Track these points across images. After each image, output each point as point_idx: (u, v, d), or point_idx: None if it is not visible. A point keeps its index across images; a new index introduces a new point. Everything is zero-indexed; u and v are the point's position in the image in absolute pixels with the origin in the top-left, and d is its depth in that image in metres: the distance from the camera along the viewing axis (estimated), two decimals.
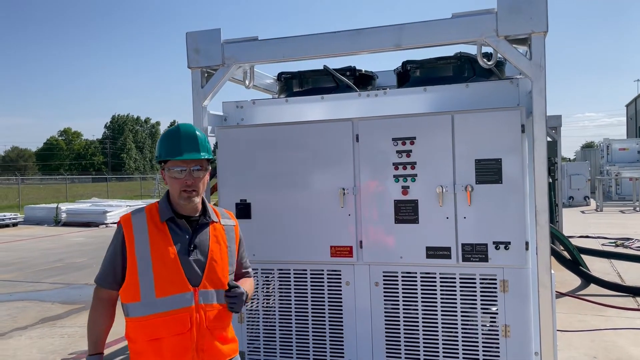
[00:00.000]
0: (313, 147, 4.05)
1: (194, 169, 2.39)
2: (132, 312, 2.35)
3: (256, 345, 4.24)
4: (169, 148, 2.42)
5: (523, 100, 3.88)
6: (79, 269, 10.96)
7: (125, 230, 2.38)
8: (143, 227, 2.38)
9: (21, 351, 5.87)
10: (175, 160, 2.38)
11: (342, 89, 4.61)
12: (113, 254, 2.40)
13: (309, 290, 4.10)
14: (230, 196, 4.24)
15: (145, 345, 2.33)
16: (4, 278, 10.23)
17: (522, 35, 3.55)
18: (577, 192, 22.89)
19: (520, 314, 3.69)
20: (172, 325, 2.31)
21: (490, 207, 3.70)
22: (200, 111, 4.16)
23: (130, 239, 2.36)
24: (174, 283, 2.33)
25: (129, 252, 2.35)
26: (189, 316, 2.33)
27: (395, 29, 3.74)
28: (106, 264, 2.42)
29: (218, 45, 4.09)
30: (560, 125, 12.06)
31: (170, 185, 2.42)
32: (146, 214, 2.42)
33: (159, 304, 2.31)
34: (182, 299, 2.33)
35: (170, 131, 2.49)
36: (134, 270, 2.33)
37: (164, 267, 2.33)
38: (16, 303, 8.16)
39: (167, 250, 2.35)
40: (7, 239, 16.79)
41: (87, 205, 23.00)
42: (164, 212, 2.41)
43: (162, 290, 2.31)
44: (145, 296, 2.31)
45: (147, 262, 2.33)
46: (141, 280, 2.32)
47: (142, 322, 2.32)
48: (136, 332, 2.34)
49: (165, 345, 2.31)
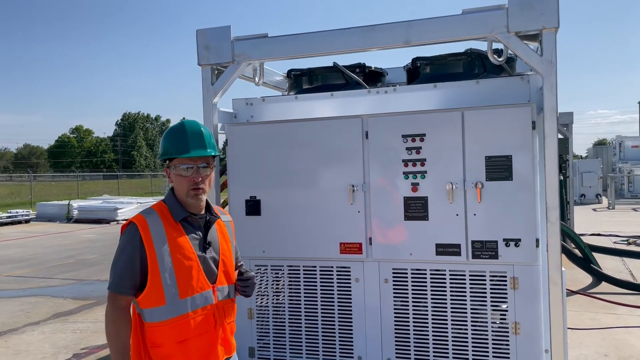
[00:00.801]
0: (322, 144, 4.05)
1: (200, 166, 2.35)
2: (157, 317, 2.27)
3: (266, 341, 4.26)
4: (175, 145, 2.35)
5: (534, 96, 3.86)
6: (90, 265, 11.06)
7: (143, 233, 2.27)
8: (160, 229, 2.30)
9: (34, 346, 5.93)
10: (182, 158, 2.33)
11: (351, 85, 4.61)
12: (130, 258, 2.27)
13: (318, 287, 4.11)
14: (240, 193, 4.25)
15: (173, 347, 2.27)
16: (17, 274, 10.34)
17: (533, 32, 3.53)
18: (589, 190, 22.72)
19: (531, 312, 3.68)
20: (199, 325, 2.30)
21: (500, 204, 3.68)
22: (210, 108, 4.17)
23: (149, 241, 2.26)
24: (196, 282, 2.31)
25: (150, 255, 2.25)
26: (212, 313, 2.35)
27: (404, 25, 3.73)
28: (122, 270, 2.27)
29: (228, 42, 4.10)
30: (571, 122, 11.98)
31: (178, 184, 2.36)
32: (159, 214, 2.35)
33: (184, 305, 2.27)
34: (205, 298, 2.33)
35: (175, 128, 2.42)
36: (157, 273, 2.25)
37: (186, 267, 2.29)
38: (29, 298, 8.26)
39: (187, 249, 2.31)
40: (20, 235, 16.98)
41: (99, 202, 23.18)
42: (177, 211, 2.36)
43: (185, 291, 2.28)
44: (170, 299, 2.26)
45: (169, 264, 2.26)
46: (164, 283, 2.25)
47: (169, 325, 2.27)
48: (162, 336, 2.27)
49: (193, 344, 2.29)
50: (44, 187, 44.40)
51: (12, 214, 21.08)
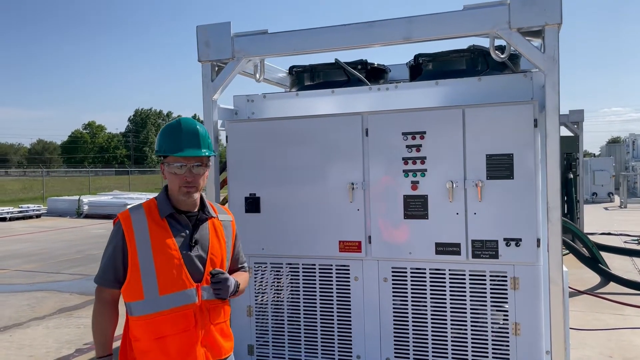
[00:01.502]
0: (322, 142, 4.02)
1: (194, 165, 2.34)
2: (136, 311, 2.29)
3: (265, 339, 4.24)
4: (169, 143, 2.35)
5: (537, 94, 3.80)
6: (98, 260, 10.95)
7: (125, 228, 2.31)
8: (143, 224, 2.31)
9: (38, 341, 5.97)
10: (175, 157, 2.32)
11: (353, 82, 4.57)
12: (113, 252, 2.33)
13: (317, 285, 4.09)
14: (240, 190, 4.23)
15: (150, 343, 2.28)
16: (26, 268, 10.43)
17: (536, 28, 3.46)
18: (601, 188, 22.49)
19: (531, 312, 3.63)
20: (177, 323, 2.28)
21: (501, 203, 3.63)
22: (210, 105, 4.15)
23: (130, 236, 2.29)
24: (177, 280, 2.29)
25: (130, 249, 2.29)
26: (193, 313, 2.31)
27: (404, 21, 3.68)
28: (106, 263, 2.34)
29: (228, 38, 4.07)
30: (582, 120, 11.84)
31: (170, 181, 2.36)
32: (145, 211, 2.36)
33: (162, 301, 2.27)
34: (186, 296, 2.30)
35: (171, 125, 2.41)
36: (136, 268, 2.27)
37: (167, 264, 2.28)
38: (36, 293, 8.32)
39: (169, 246, 2.30)
40: (30, 230, 17.14)
41: (109, 198, 23.34)
42: (164, 207, 2.36)
43: (165, 288, 2.27)
44: (149, 294, 2.27)
45: (149, 260, 2.27)
46: (144, 279, 2.27)
47: (147, 321, 2.28)
48: (140, 330, 2.29)
49: (171, 342, 2.28)
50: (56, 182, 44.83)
51: (24, 208, 21.28)
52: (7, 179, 53.60)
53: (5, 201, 28.81)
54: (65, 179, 51.86)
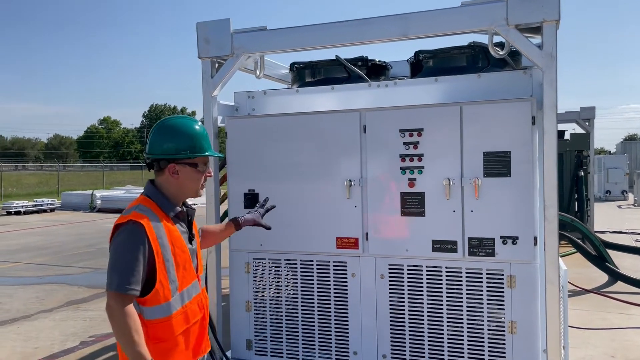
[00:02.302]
0: (320, 138, 4.02)
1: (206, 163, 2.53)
2: (161, 313, 2.26)
3: (263, 334, 4.27)
4: (200, 144, 2.43)
5: (536, 91, 3.76)
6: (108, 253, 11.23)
7: (149, 233, 2.23)
8: (160, 227, 2.29)
9: (44, 333, 6.06)
10: (204, 157, 2.45)
11: (354, 79, 4.56)
12: (139, 258, 2.19)
13: (315, 281, 4.10)
14: (239, 186, 4.26)
15: (178, 338, 2.31)
16: (38, 261, 10.58)
17: (534, 24, 3.43)
18: (615, 186, 22.22)
19: (528, 311, 3.61)
20: (194, 313, 2.42)
21: (498, 200, 3.61)
22: (210, 101, 4.17)
23: (155, 241, 2.24)
24: (189, 274, 2.40)
25: (157, 255, 2.24)
26: (201, 300, 2.48)
27: (401, 18, 3.67)
28: (131, 269, 2.17)
29: (227, 35, 4.09)
30: (593, 117, 11.73)
31: (191, 180, 2.41)
32: (156, 214, 2.33)
33: (182, 296, 2.35)
34: (195, 287, 2.45)
35: (195, 128, 2.45)
36: (163, 272, 2.26)
37: (182, 261, 2.36)
38: (45, 286, 8.44)
39: (182, 244, 2.38)
40: (44, 223, 17.37)
41: (121, 192, 23.56)
42: (169, 207, 2.39)
43: (182, 283, 2.36)
44: (174, 293, 2.30)
45: (172, 262, 2.30)
46: (171, 280, 2.29)
47: (175, 319, 2.30)
48: (167, 330, 2.28)
49: (192, 332, 2.40)
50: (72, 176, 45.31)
51: (38, 202, 21.58)
52: (24, 173, 54.28)
53: (21, 195, 29.21)
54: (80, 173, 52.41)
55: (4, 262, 10.66)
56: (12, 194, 29.94)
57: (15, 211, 20.34)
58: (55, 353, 5.43)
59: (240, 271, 4.30)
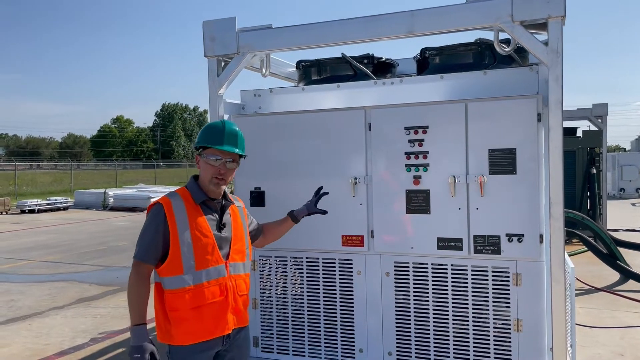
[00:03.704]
0: (326, 136, 4.03)
1: (228, 160, 2.69)
2: (174, 284, 2.58)
3: (270, 331, 4.29)
4: (212, 137, 2.69)
5: (542, 88, 3.74)
6: (119, 252, 11.35)
7: (167, 211, 2.60)
8: (182, 208, 2.63)
9: (55, 330, 6.13)
10: (214, 149, 2.67)
11: (360, 76, 4.56)
12: (154, 232, 2.60)
13: (320, 278, 4.11)
14: (245, 184, 4.28)
15: (188, 312, 2.58)
16: (50, 259, 10.70)
17: (539, 20, 3.41)
18: (629, 184, 22.00)
19: (534, 309, 3.59)
20: (211, 294, 2.61)
21: (503, 198, 3.60)
22: (216, 99, 4.19)
23: (172, 218, 2.59)
24: (211, 257, 2.63)
25: (172, 230, 2.58)
26: (224, 285, 2.66)
27: (407, 15, 3.65)
28: (147, 242, 2.60)
29: (233, 33, 4.10)
30: (606, 114, 11.61)
31: (204, 170, 2.69)
32: (182, 197, 2.67)
33: (199, 275, 2.59)
34: (218, 271, 2.65)
35: (216, 124, 2.76)
36: (177, 246, 2.57)
37: (202, 243, 2.61)
38: (57, 283, 8.54)
39: (204, 228, 2.64)
40: (57, 222, 17.56)
41: (133, 191, 23.73)
42: (198, 195, 2.69)
43: (201, 264, 2.60)
44: (188, 269, 2.58)
45: (189, 239, 2.59)
46: (184, 256, 2.57)
47: (185, 293, 2.57)
48: (178, 302, 2.58)
49: (206, 311, 2.60)
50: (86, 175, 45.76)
51: (51, 201, 21.81)
52: (38, 172, 54.90)
53: (35, 193, 29.56)
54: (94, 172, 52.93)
55: (17, 259, 10.79)
56: (27, 192, 30.29)
57: (29, 209, 20.58)
58: (65, 349, 5.49)
59: None
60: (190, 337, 2.59)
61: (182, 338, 2.59)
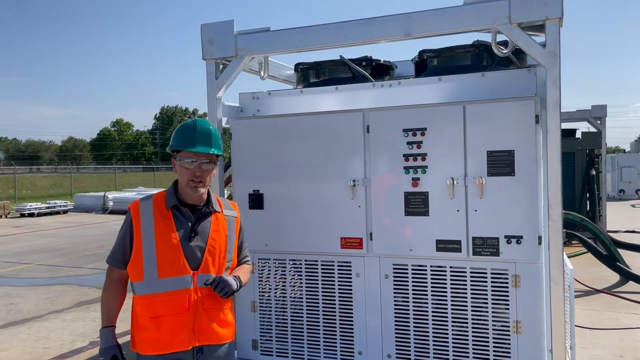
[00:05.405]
0: (324, 138, 4.03)
1: (203, 162, 2.57)
2: (138, 291, 2.54)
3: (269, 334, 4.28)
4: (184, 139, 2.59)
5: (541, 89, 3.74)
6: None
7: (133, 216, 2.56)
8: (149, 213, 2.55)
9: (54, 333, 6.13)
10: (187, 152, 2.56)
11: (358, 79, 4.56)
12: (122, 236, 2.59)
13: (319, 281, 4.11)
14: (244, 187, 4.27)
15: (147, 321, 2.51)
16: (50, 262, 10.70)
17: (537, 22, 3.42)
18: (629, 185, 22.00)
19: (533, 310, 3.58)
20: (171, 305, 2.49)
21: (502, 200, 3.60)
22: (215, 102, 4.20)
23: (137, 223, 2.54)
24: (175, 266, 2.51)
25: (136, 235, 2.53)
26: (187, 297, 2.51)
27: (404, 17, 3.66)
28: (116, 245, 2.61)
29: (231, 36, 4.11)
30: (605, 116, 11.62)
31: (181, 174, 2.60)
32: (153, 202, 2.60)
33: (160, 284, 2.49)
34: (182, 281, 2.51)
35: (187, 124, 2.65)
36: (139, 252, 2.52)
37: (167, 251, 2.51)
38: (56, 287, 8.53)
39: (170, 235, 2.52)
40: (56, 225, 17.55)
41: (133, 194, 23.72)
42: (170, 199, 2.60)
43: (163, 272, 2.50)
44: (149, 276, 2.50)
45: (151, 245, 2.51)
46: (145, 262, 2.50)
47: (145, 300, 2.51)
48: (140, 308, 2.54)
49: (165, 322, 2.48)
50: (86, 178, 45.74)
51: (51, 204, 21.81)
52: (38, 175, 54.87)
53: (35, 197, 29.55)
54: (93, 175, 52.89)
55: (17, 263, 10.79)
56: (26, 196, 30.28)
57: (28, 213, 20.58)
58: (64, 353, 5.48)
59: None
60: (148, 348, 2.50)
61: (142, 347, 2.52)
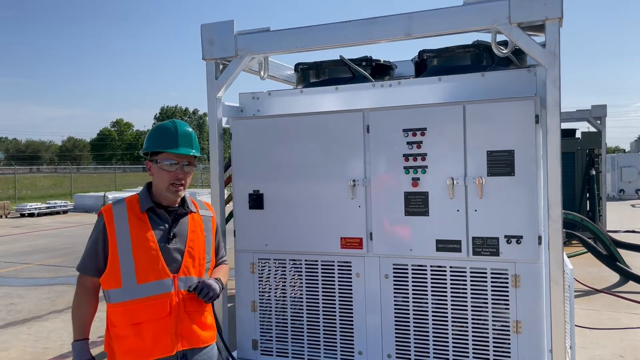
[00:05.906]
0: (324, 138, 4.03)
1: (184, 164, 2.53)
2: (114, 298, 2.43)
3: (269, 334, 4.28)
4: (165, 140, 2.51)
5: (540, 89, 3.74)
6: None
7: (107, 220, 2.45)
8: (123, 217, 2.45)
9: (54, 333, 6.13)
10: (168, 154, 2.49)
11: (358, 79, 4.56)
12: (94, 242, 2.47)
13: (319, 281, 4.11)
14: (244, 187, 4.27)
15: (127, 329, 2.40)
16: (50, 263, 10.70)
17: (537, 22, 3.42)
18: (629, 185, 22.01)
19: (533, 310, 3.59)
20: (152, 310, 2.40)
21: (502, 200, 3.60)
22: (215, 102, 4.20)
23: (111, 228, 2.43)
24: (154, 270, 2.42)
25: (110, 241, 2.42)
26: (168, 301, 2.44)
27: (404, 17, 3.66)
28: (88, 253, 2.48)
29: (231, 36, 4.11)
30: (605, 116, 11.63)
31: (159, 177, 2.51)
32: (126, 205, 2.50)
33: (139, 290, 2.40)
34: (162, 285, 2.43)
35: (166, 125, 2.57)
36: (116, 258, 2.41)
37: (144, 255, 2.42)
38: (56, 287, 8.54)
39: (147, 238, 2.44)
40: (56, 225, 17.55)
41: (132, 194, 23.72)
42: (144, 202, 2.51)
43: (142, 277, 2.40)
44: (127, 282, 2.40)
45: (128, 251, 2.41)
46: (122, 268, 2.40)
47: (124, 307, 2.40)
48: (118, 317, 2.42)
49: (146, 329, 2.39)
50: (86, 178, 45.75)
51: (51, 204, 21.81)
52: (38, 175, 54.89)
53: (35, 197, 29.55)
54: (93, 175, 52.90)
55: (17, 263, 10.79)
56: (26, 196, 30.29)
57: (28, 213, 20.58)
58: (64, 353, 5.48)
59: (246, 271, 4.32)
60: (129, 357, 2.39)
61: (123, 358, 2.40)
